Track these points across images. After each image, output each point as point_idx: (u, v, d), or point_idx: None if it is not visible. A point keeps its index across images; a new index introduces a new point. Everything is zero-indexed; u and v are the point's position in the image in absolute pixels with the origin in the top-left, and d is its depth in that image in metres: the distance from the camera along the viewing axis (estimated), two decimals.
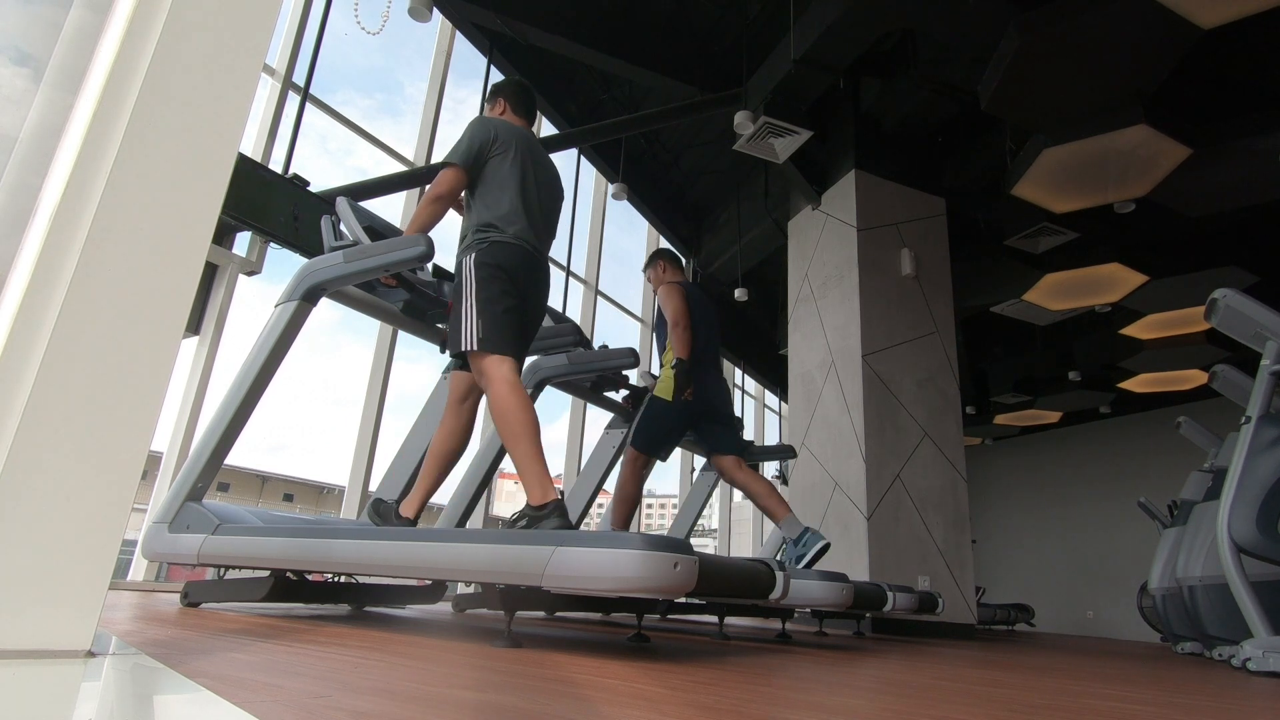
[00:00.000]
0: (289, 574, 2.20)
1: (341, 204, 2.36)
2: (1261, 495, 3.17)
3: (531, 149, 2.33)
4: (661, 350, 3.31)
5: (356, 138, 4.82)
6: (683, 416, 3.14)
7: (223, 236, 3.86)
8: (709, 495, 4.50)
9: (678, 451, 7.46)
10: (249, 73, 1.13)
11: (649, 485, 4.17)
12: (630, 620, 3.25)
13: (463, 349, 2.06)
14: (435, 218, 2.19)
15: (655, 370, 3.43)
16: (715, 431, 3.28)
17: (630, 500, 3.20)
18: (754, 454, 4.61)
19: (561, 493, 1.93)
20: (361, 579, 2.59)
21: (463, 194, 2.31)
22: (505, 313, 2.08)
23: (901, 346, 5.21)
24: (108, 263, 0.95)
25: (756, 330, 9.60)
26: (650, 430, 3.15)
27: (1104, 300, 7.40)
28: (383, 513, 2.23)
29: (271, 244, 4.00)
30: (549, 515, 1.82)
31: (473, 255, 2.13)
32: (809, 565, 2.93)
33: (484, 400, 2.19)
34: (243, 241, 3.97)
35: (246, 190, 3.70)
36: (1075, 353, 9.02)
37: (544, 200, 2.32)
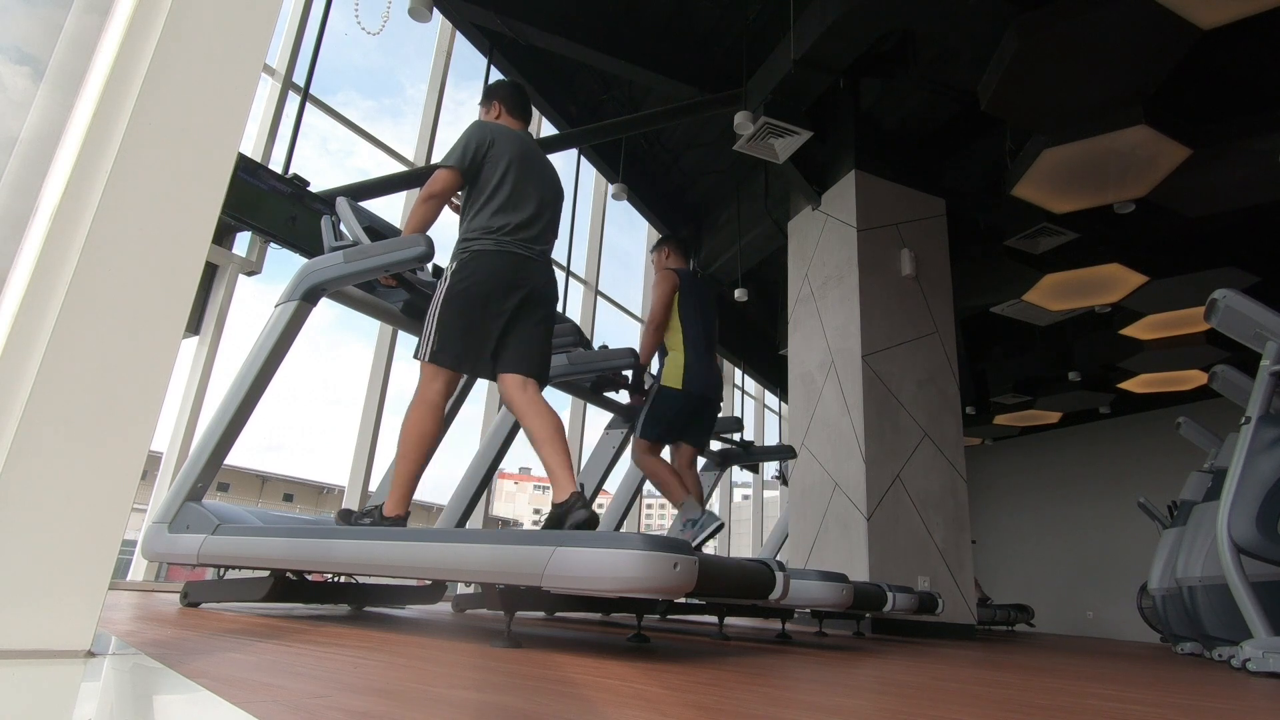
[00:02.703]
0: (289, 574, 2.20)
1: (341, 204, 2.37)
2: (1261, 496, 3.16)
3: (528, 151, 2.33)
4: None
5: (357, 138, 4.83)
6: (690, 403, 3.16)
7: (223, 236, 3.85)
8: (708, 496, 4.50)
9: None
10: (249, 73, 1.13)
11: (648, 486, 4.17)
12: (630, 620, 3.25)
13: (416, 357, 2.17)
14: (429, 217, 2.20)
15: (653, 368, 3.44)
16: (695, 421, 3.30)
17: (669, 480, 3.14)
18: (754, 454, 4.62)
19: (408, 512, 2.12)
20: (361, 579, 2.59)
21: (459, 194, 2.32)
22: (462, 330, 2.13)
23: (901, 347, 5.21)
24: (108, 263, 0.95)
25: (756, 330, 9.60)
26: (660, 419, 3.16)
27: (1104, 300, 7.39)
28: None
29: (271, 244, 4.00)
30: (391, 522, 2.04)
31: (453, 265, 2.17)
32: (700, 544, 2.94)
33: (500, 399, 2.26)
34: (243, 241, 3.97)
35: (246, 190, 3.70)
36: (1075, 353, 9.02)
37: (544, 203, 2.32)
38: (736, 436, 4.51)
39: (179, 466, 3.48)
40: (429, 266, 2.73)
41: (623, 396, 3.75)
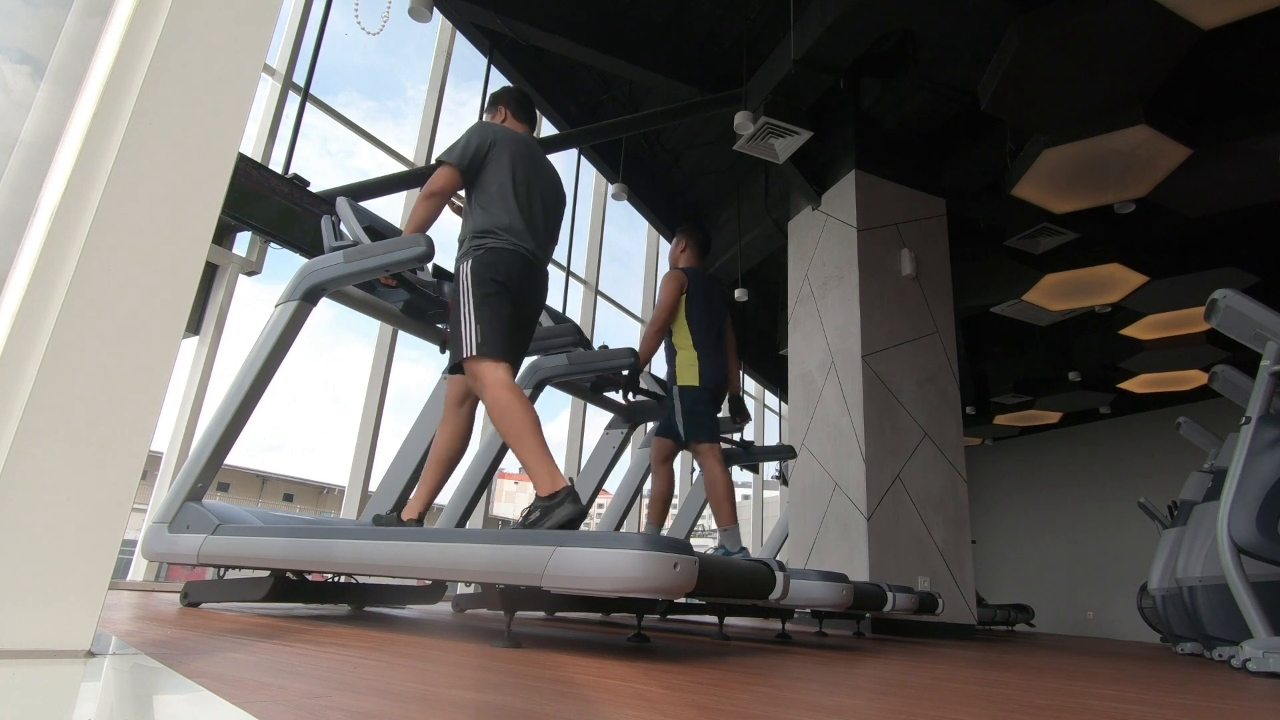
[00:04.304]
0: (289, 574, 2.20)
1: (342, 204, 2.37)
2: (1261, 496, 3.16)
3: (532, 155, 2.33)
4: (670, 335, 3.30)
5: (358, 139, 4.83)
6: (713, 395, 3.16)
7: (223, 236, 3.86)
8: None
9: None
10: (249, 73, 1.13)
11: (647, 485, 4.16)
12: (630, 620, 3.25)
13: (463, 356, 2.05)
14: (430, 214, 2.19)
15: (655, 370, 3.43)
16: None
17: (730, 494, 3.08)
18: (754, 454, 4.61)
19: (571, 479, 1.94)
20: (361, 579, 2.59)
21: (462, 196, 2.31)
22: (502, 319, 2.09)
23: (901, 347, 5.21)
24: (108, 263, 0.95)
25: (756, 330, 9.60)
26: (701, 417, 3.11)
27: (1104, 300, 7.39)
28: (385, 523, 2.24)
29: (271, 244, 4.00)
30: (561, 503, 1.80)
31: (469, 262, 2.13)
32: None
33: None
34: (243, 241, 3.97)
35: (247, 190, 3.70)
36: (1075, 353, 9.02)
37: (545, 207, 2.32)
38: (736, 436, 4.51)
39: (179, 466, 3.49)
40: (429, 267, 2.73)
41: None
